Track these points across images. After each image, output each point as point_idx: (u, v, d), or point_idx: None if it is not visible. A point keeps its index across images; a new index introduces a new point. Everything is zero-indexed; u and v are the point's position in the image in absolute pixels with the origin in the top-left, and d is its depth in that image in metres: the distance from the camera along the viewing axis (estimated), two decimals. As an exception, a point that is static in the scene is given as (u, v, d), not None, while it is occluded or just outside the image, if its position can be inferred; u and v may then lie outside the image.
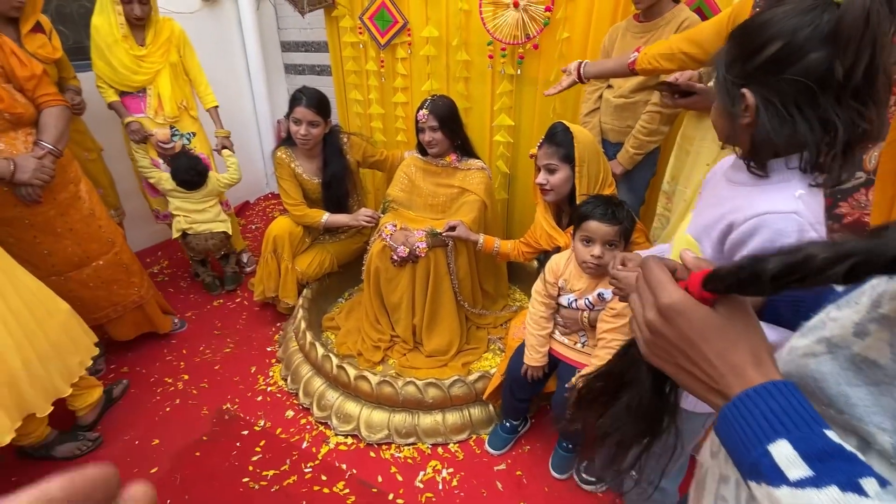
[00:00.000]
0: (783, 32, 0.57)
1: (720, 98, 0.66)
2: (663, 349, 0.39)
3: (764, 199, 0.66)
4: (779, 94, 0.59)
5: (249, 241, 2.89)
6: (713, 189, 0.79)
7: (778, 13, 0.59)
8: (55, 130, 1.48)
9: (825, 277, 0.29)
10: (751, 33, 0.60)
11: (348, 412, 1.62)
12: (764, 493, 0.31)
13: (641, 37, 1.58)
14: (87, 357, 1.51)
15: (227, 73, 3.08)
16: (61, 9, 2.24)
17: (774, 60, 0.58)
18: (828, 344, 0.36)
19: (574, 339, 1.35)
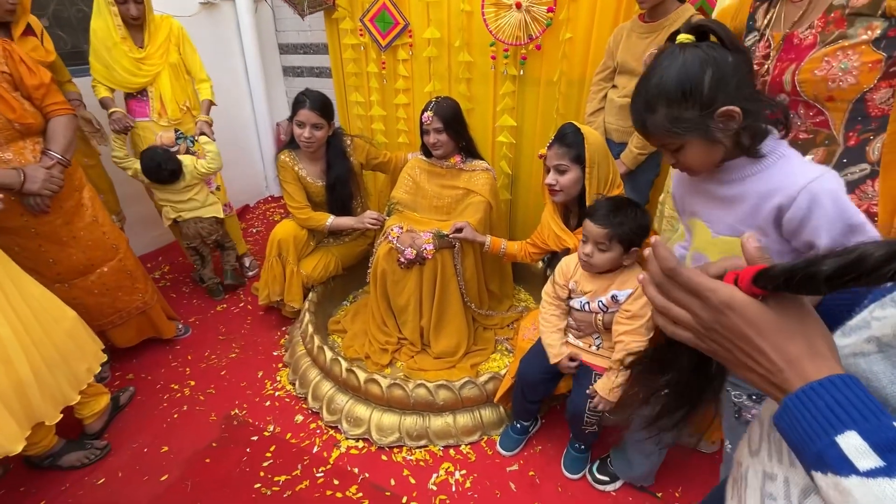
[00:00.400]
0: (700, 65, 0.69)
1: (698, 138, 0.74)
2: (720, 344, 0.40)
3: (788, 174, 0.73)
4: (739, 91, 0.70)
5: (251, 244, 2.88)
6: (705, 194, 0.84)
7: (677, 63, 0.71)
8: (64, 140, 1.47)
9: (881, 276, 0.29)
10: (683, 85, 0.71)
11: (358, 416, 1.61)
12: (831, 483, 0.31)
13: (646, 37, 1.59)
14: (96, 363, 1.50)
15: (226, 76, 3.06)
16: (59, 13, 2.21)
17: (718, 79, 0.69)
18: (878, 343, 0.36)
19: (588, 342, 1.35)
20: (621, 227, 1.19)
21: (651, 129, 0.77)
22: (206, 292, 2.42)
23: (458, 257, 1.81)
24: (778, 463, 0.42)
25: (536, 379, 1.42)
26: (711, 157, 0.76)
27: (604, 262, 1.24)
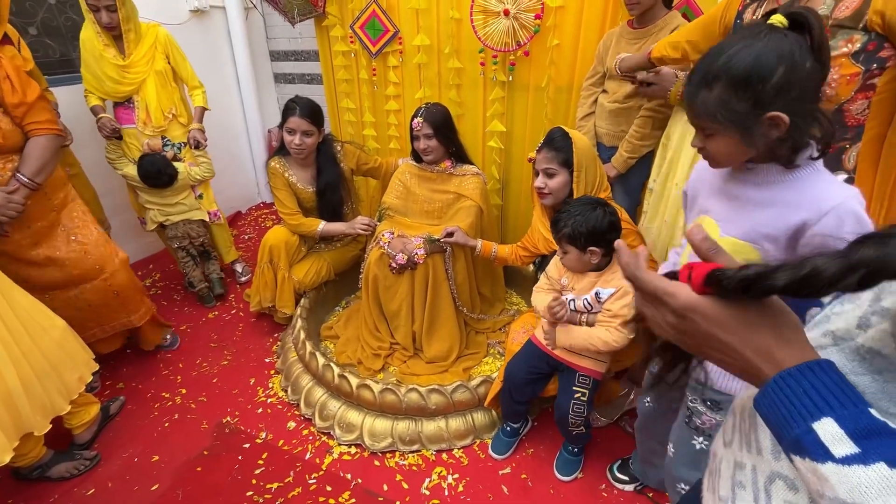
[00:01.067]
0: (778, 58, 0.65)
1: (735, 134, 0.71)
2: (692, 344, 0.41)
3: (821, 189, 0.73)
4: (801, 102, 0.67)
5: (242, 251, 2.87)
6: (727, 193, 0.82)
7: (757, 47, 0.66)
8: (37, 162, 1.41)
9: (837, 288, 0.30)
10: (749, 72, 0.66)
11: (351, 421, 1.61)
12: (808, 468, 0.32)
13: (635, 43, 1.62)
14: (87, 372, 1.48)
15: (217, 84, 3.06)
16: (47, 21, 2.21)
17: (786, 81, 0.65)
18: (833, 337, 0.38)
19: (574, 343, 1.37)
20: (563, 229, 1.22)
21: (699, 104, 0.73)
22: (196, 299, 2.41)
23: (450, 262, 1.82)
24: (747, 452, 0.44)
25: (523, 380, 1.43)
26: (739, 155, 0.75)
27: (571, 262, 1.28)
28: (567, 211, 1.24)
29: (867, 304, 0.36)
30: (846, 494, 0.29)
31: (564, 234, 1.23)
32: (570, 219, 1.22)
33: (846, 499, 0.29)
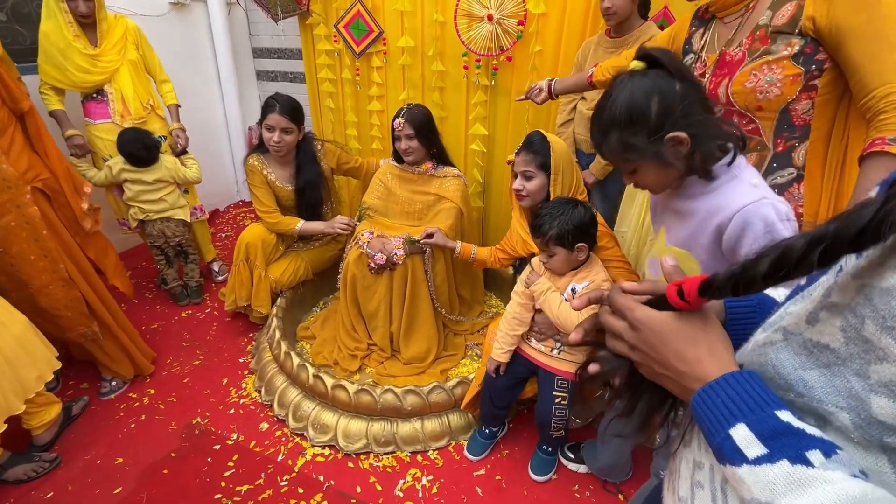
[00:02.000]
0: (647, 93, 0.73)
1: (650, 161, 0.78)
2: (642, 358, 0.45)
3: (731, 196, 0.77)
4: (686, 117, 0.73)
5: (220, 249, 2.81)
6: (671, 204, 0.88)
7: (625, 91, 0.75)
8: None
9: (805, 265, 0.32)
10: (631, 111, 0.74)
11: (325, 422, 1.59)
12: (730, 473, 0.34)
13: (612, 51, 1.65)
14: (48, 371, 1.42)
15: (197, 79, 3.01)
16: (18, 8, 2.14)
17: (664, 106, 0.73)
18: (784, 332, 0.39)
19: (549, 345, 1.38)
20: (550, 231, 1.23)
21: (606, 152, 0.81)
22: (169, 296, 2.35)
23: (429, 263, 1.82)
24: (705, 452, 0.45)
25: (503, 385, 1.44)
26: (665, 179, 0.81)
27: (558, 264, 1.29)
28: (548, 213, 1.25)
29: (818, 301, 0.38)
30: (759, 493, 0.32)
31: (552, 235, 1.23)
32: (554, 220, 1.22)
33: (760, 498, 0.31)
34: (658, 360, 0.43)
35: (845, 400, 0.33)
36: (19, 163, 1.46)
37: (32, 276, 1.48)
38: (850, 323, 0.33)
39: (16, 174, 1.41)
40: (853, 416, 0.32)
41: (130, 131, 2.00)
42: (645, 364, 0.45)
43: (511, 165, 1.48)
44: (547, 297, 1.27)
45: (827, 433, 0.34)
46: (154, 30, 2.15)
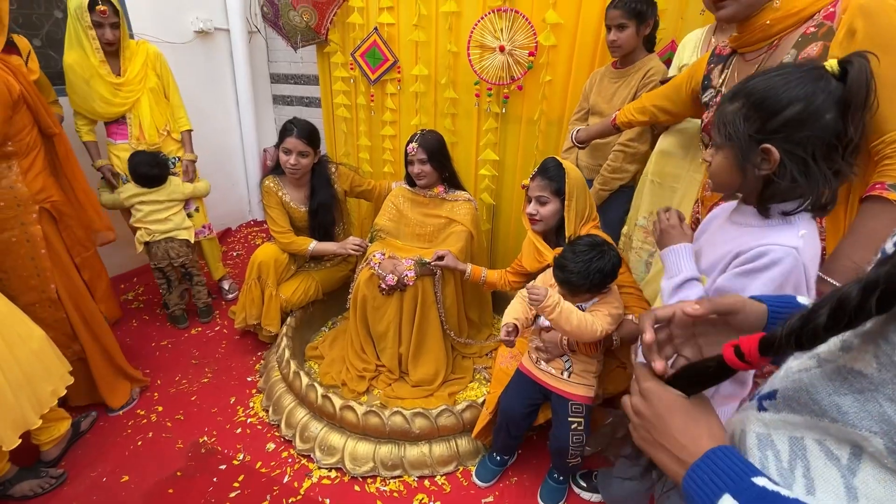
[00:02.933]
0: (800, 97, 0.65)
1: (733, 153, 0.72)
2: (644, 428, 0.48)
3: (771, 236, 0.74)
4: (803, 148, 0.67)
5: (231, 267, 2.85)
6: (717, 231, 0.86)
7: (790, 80, 0.66)
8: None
9: (864, 313, 0.33)
10: (766, 97, 0.67)
11: (332, 444, 1.58)
12: None
13: (616, 81, 1.71)
14: (61, 386, 1.43)
15: (216, 103, 3.12)
16: (52, 34, 2.25)
17: (796, 120, 0.66)
18: (818, 359, 0.40)
19: (559, 367, 1.37)
20: (582, 285, 1.23)
21: (719, 114, 0.75)
22: (168, 319, 2.34)
23: (439, 285, 1.84)
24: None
25: (519, 414, 1.42)
26: (730, 178, 0.76)
27: (573, 300, 1.29)
28: (577, 271, 1.22)
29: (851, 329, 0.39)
30: None
31: (582, 288, 1.24)
32: (585, 277, 1.21)
33: None
34: (659, 430, 0.47)
35: (879, 425, 0.34)
36: (34, 183, 1.52)
37: (21, 293, 1.51)
38: (882, 350, 0.33)
39: (28, 194, 1.48)
40: (887, 440, 0.33)
41: (141, 154, 2.05)
42: (643, 431, 0.49)
43: (525, 190, 1.51)
44: (562, 308, 1.21)
45: (862, 460, 0.35)
46: (179, 56, 2.25)
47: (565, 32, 1.95)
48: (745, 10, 0.97)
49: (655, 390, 0.48)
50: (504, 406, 1.44)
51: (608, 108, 1.74)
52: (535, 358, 1.43)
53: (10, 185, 1.44)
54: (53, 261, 1.55)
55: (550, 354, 1.37)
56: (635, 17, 1.58)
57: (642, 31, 1.62)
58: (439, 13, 2.16)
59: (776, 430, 0.43)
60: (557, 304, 1.20)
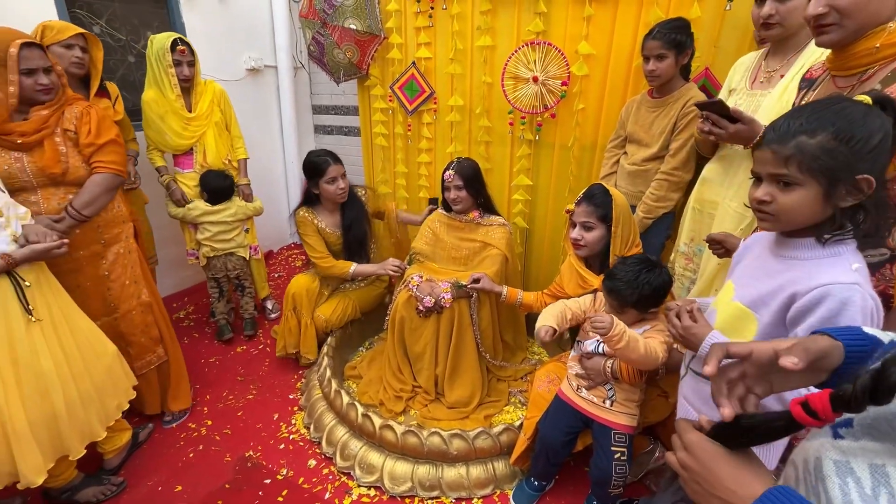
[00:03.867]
0: (878, 127, 0.66)
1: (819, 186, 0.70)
2: (694, 481, 0.50)
3: (824, 272, 0.72)
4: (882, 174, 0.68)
5: (272, 288, 2.98)
6: (758, 261, 0.85)
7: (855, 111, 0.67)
8: (87, 196, 1.51)
9: None
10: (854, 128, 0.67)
11: (372, 462, 1.62)
12: None
13: (654, 111, 1.74)
14: (125, 400, 1.55)
15: (263, 133, 3.34)
16: (126, 77, 2.50)
17: (880, 149, 0.66)
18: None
19: (601, 395, 1.36)
20: (630, 296, 1.24)
21: (792, 149, 0.70)
22: (215, 335, 2.48)
23: (475, 307, 1.88)
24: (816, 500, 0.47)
25: (559, 441, 1.41)
26: (809, 214, 0.73)
27: (625, 320, 1.29)
28: (628, 281, 1.24)
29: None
30: None
31: (631, 301, 1.25)
32: (636, 288, 1.23)
33: None
34: (710, 482, 0.48)
35: None
36: (125, 204, 1.74)
37: (122, 300, 1.68)
38: None
39: (126, 213, 1.72)
40: None
41: (211, 172, 2.26)
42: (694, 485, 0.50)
43: (569, 215, 1.52)
44: (629, 338, 1.18)
45: None
46: (232, 92, 2.43)
47: (597, 63, 2.01)
48: (852, 36, 0.92)
49: (698, 443, 0.50)
50: (543, 433, 1.44)
51: (646, 136, 1.77)
52: (575, 385, 1.42)
53: (117, 205, 1.68)
54: (140, 269, 1.75)
55: (593, 382, 1.37)
56: (675, 47, 1.60)
57: (680, 60, 1.65)
58: (474, 47, 2.27)
59: (855, 457, 0.43)
60: (624, 333, 1.17)
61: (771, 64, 1.41)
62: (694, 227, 1.63)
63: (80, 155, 1.53)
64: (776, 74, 1.38)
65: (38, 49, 1.38)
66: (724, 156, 1.52)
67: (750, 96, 1.44)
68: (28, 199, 1.45)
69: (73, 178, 1.51)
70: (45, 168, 1.44)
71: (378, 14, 2.44)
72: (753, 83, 1.45)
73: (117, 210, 1.68)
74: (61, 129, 1.48)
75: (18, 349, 1.26)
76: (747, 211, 1.37)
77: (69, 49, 1.76)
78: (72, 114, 1.50)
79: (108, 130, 1.58)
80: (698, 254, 1.65)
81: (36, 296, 1.30)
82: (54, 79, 1.43)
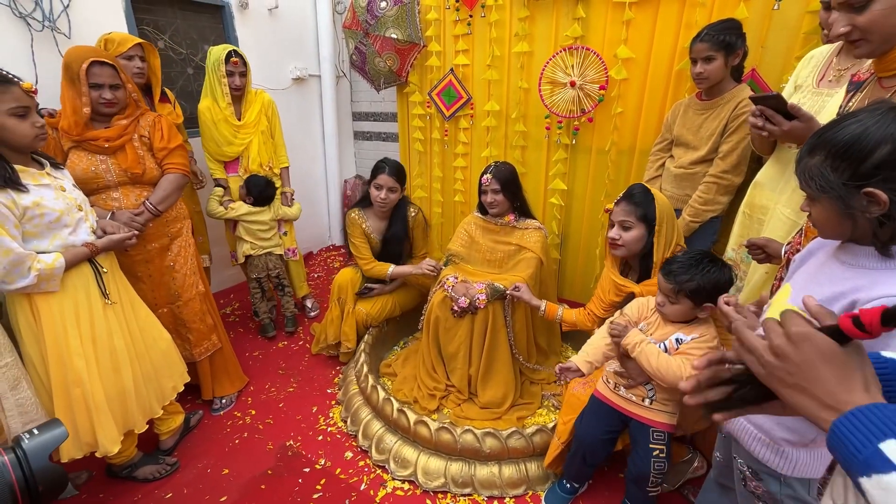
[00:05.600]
0: (887, 137, 0.65)
1: (832, 204, 0.71)
2: (785, 370, 0.48)
3: (889, 282, 0.70)
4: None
5: (312, 288, 3.10)
6: (821, 268, 0.83)
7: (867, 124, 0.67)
8: (162, 193, 1.69)
9: None
10: (849, 145, 0.67)
11: (406, 457, 1.66)
12: (875, 483, 0.39)
13: (703, 113, 1.71)
14: (181, 382, 1.67)
15: (305, 138, 3.49)
16: (185, 87, 2.69)
17: (891, 160, 0.65)
18: None
19: (641, 394, 1.34)
20: (688, 283, 1.20)
21: (801, 170, 0.75)
22: (258, 329, 2.61)
23: (509, 309, 1.90)
24: None
25: (598, 441, 1.40)
26: (836, 228, 0.74)
27: (674, 312, 1.26)
28: (688, 263, 1.22)
29: None
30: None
31: (688, 287, 1.20)
32: (696, 273, 1.20)
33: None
34: (808, 377, 0.46)
35: None
36: (182, 203, 1.88)
37: (184, 289, 1.82)
38: None
39: (186, 210, 1.88)
40: None
41: (256, 177, 2.37)
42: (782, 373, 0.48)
43: (609, 214, 1.51)
44: (643, 349, 1.23)
45: None
46: (278, 100, 2.57)
47: (637, 66, 2.00)
48: (881, 48, 0.95)
49: (809, 335, 0.47)
50: (580, 433, 1.43)
51: (694, 139, 1.74)
52: (613, 384, 1.41)
53: (180, 203, 1.83)
54: (196, 262, 1.89)
55: (634, 381, 1.34)
56: (724, 48, 1.57)
57: (731, 61, 1.61)
58: (511, 53, 2.31)
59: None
60: (637, 344, 1.22)
61: (843, 62, 1.33)
62: (743, 232, 1.58)
63: (154, 158, 1.70)
64: (847, 73, 1.30)
65: (108, 67, 1.52)
66: (781, 158, 1.46)
67: (815, 95, 1.36)
68: (111, 195, 1.62)
69: (149, 177, 1.68)
70: (128, 169, 1.61)
71: (418, 23, 2.52)
72: (821, 81, 1.37)
73: (180, 207, 1.84)
74: (138, 135, 1.64)
75: (97, 328, 1.40)
76: (800, 217, 1.32)
77: (130, 60, 1.89)
78: (146, 122, 1.67)
79: (176, 137, 1.75)
80: (746, 260, 1.60)
81: (109, 282, 1.44)
82: (120, 94, 1.56)
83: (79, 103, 1.50)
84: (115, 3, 2.26)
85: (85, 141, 1.54)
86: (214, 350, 1.95)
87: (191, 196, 2.33)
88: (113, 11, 2.25)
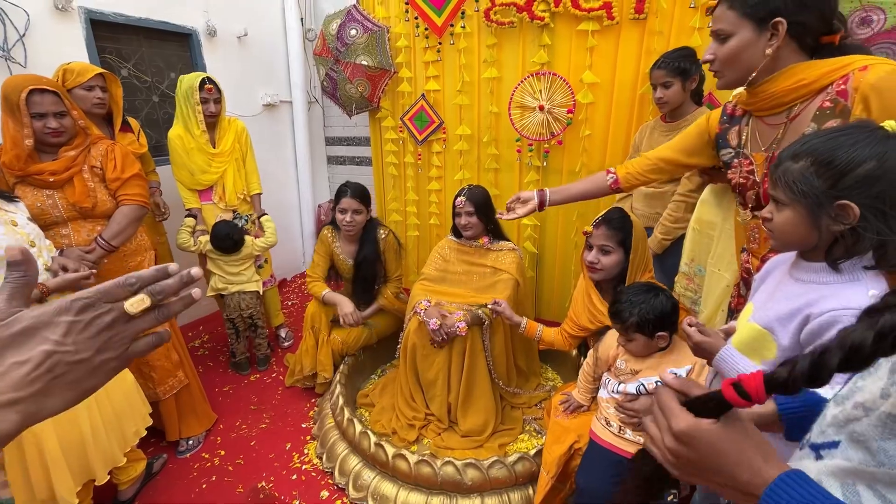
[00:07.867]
0: (872, 155, 0.67)
1: (806, 210, 0.72)
2: (689, 467, 0.47)
3: (840, 296, 0.72)
4: (881, 201, 0.67)
5: (285, 315, 3.00)
6: (778, 286, 0.85)
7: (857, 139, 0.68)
8: (115, 227, 1.61)
9: (876, 356, 0.35)
10: (835, 156, 0.68)
11: (385, 493, 1.59)
12: None
13: (668, 134, 1.77)
14: (142, 426, 1.56)
15: (278, 164, 3.45)
16: (150, 115, 2.62)
17: (872, 177, 0.66)
18: (863, 408, 0.42)
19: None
20: (630, 318, 1.21)
21: (780, 172, 0.75)
22: (231, 366, 2.49)
23: (487, 334, 1.87)
24: None
25: (606, 492, 1.27)
26: (802, 235, 0.75)
27: (636, 348, 1.26)
28: (628, 300, 1.23)
29: (886, 378, 0.41)
30: None
31: (632, 323, 1.22)
32: (635, 308, 1.21)
33: None
34: (712, 470, 0.45)
35: None
36: (146, 233, 1.84)
37: None
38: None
39: (148, 241, 1.83)
40: None
41: (223, 225, 2.24)
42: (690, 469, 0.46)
43: (586, 237, 1.51)
44: None
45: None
46: (249, 126, 2.53)
47: (602, 90, 2.06)
48: (738, 82, 1.01)
49: (692, 432, 0.44)
50: (584, 485, 1.30)
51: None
52: (617, 427, 1.31)
53: (140, 235, 1.78)
54: None
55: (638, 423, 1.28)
56: (680, 74, 1.66)
57: (688, 86, 1.70)
58: (481, 79, 2.35)
59: (827, 477, 0.44)
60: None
61: None
62: (694, 247, 1.63)
63: (107, 189, 1.61)
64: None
65: (50, 94, 1.46)
66: None
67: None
68: (59, 232, 1.53)
69: (101, 211, 1.59)
70: (76, 203, 1.52)
71: (388, 50, 2.55)
72: None
73: (140, 239, 1.77)
74: (88, 165, 1.57)
75: (48, 375, 1.29)
76: None
77: (90, 91, 1.82)
78: (97, 151, 1.59)
79: (132, 165, 1.67)
80: (698, 274, 1.64)
81: (62, 325, 1.34)
82: (67, 122, 1.50)
83: (20, 136, 1.43)
84: (76, 32, 2.20)
85: (29, 175, 1.47)
86: (181, 387, 1.85)
87: (153, 227, 2.25)
88: (72, 40, 2.19)
